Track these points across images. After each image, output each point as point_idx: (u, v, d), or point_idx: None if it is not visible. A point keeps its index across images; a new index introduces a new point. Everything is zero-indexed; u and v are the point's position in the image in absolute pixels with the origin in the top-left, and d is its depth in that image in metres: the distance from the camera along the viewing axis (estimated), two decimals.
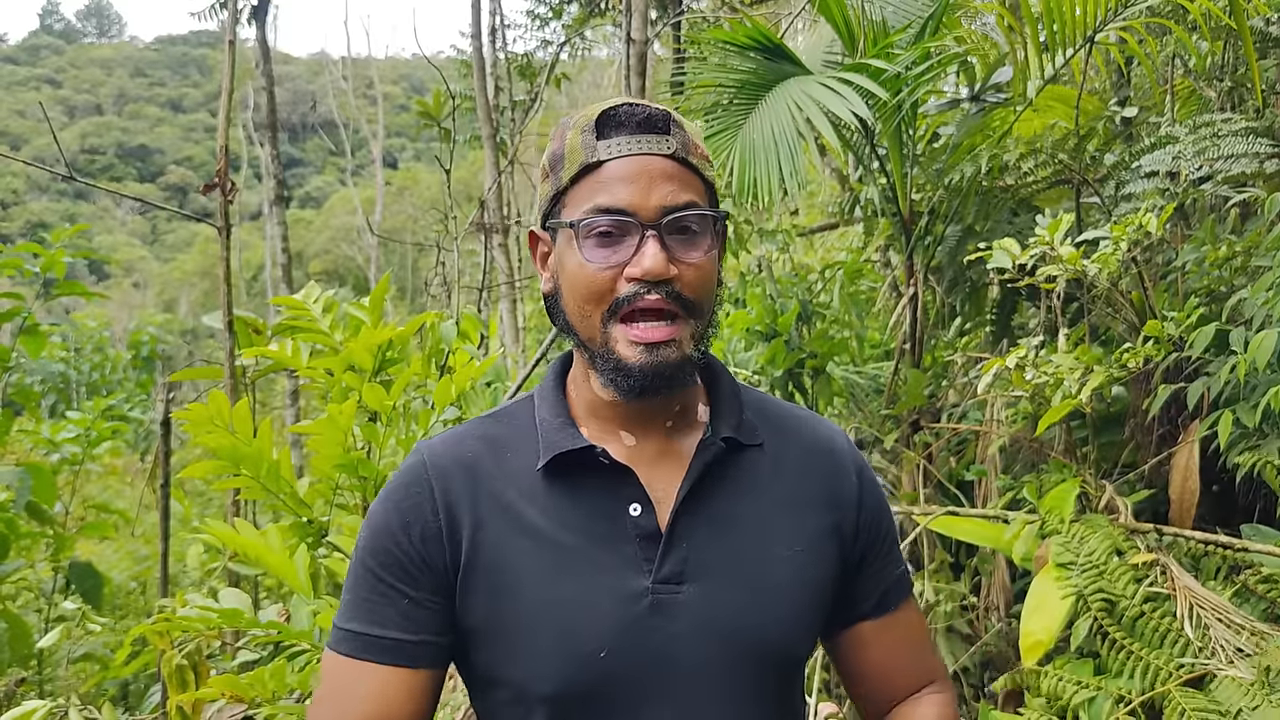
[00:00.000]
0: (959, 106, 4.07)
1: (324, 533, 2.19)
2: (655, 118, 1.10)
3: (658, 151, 1.09)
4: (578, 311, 1.11)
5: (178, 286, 38.00)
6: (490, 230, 6.66)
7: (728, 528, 1.14)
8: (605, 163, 1.09)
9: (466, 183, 21.60)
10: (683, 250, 1.08)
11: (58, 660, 4.72)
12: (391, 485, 1.17)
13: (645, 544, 1.11)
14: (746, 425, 1.20)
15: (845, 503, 1.22)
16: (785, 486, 1.19)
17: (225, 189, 3.17)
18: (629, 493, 1.12)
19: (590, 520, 1.11)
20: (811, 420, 1.28)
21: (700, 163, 1.13)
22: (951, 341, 4.50)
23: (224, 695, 1.95)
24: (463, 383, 2.25)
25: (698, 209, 1.09)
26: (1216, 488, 3.02)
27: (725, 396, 1.22)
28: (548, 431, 1.15)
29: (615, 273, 1.08)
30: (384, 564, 1.11)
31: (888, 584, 1.26)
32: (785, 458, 1.21)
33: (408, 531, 1.11)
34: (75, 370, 11.85)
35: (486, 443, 1.17)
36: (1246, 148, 3.00)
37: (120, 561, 7.57)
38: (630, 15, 4.51)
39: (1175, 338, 2.78)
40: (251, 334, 3.01)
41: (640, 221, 1.07)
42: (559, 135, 1.16)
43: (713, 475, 1.15)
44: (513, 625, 1.09)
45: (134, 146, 61.30)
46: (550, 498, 1.12)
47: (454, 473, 1.14)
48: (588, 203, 1.08)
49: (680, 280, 1.08)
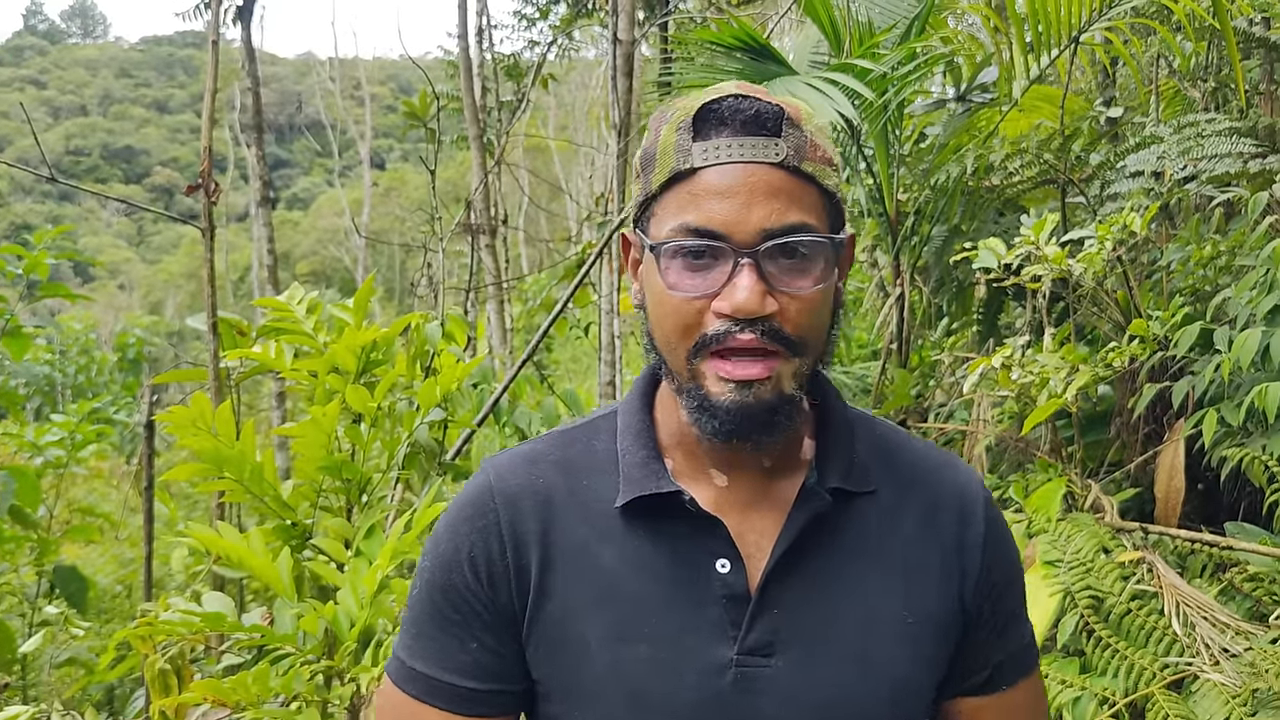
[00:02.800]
0: (945, 106, 4.08)
1: (308, 535, 2.18)
2: (764, 115, 0.92)
3: (763, 159, 0.91)
4: (663, 341, 0.96)
5: (164, 288, 37.82)
6: (477, 231, 6.65)
7: (829, 591, 0.98)
8: (699, 170, 0.92)
9: (454, 183, 21.57)
10: (787, 279, 0.91)
11: (41, 665, 4.69)
12: (456, 510, 1.05)
13: (732, 606, 0.96)
14: (858, 469, 1.02)
15: (969, 564, 1.03)
16: (900, 543, 1.01)
17: (209, 191, 3.16)
18: (716, 546, 0.97)
19: (672, 572, 0.98)
20: (940, 462, 1.09)
21: (819, 170, 0.94)
22: (938, 341, 4.51)
23: (207, 700, 1.93)
24: (448, 384, 2.24)
25: (808, 232, 0.91)
26: (1202, 486, 3.03)
27: (836, 431, 1.04)
28: (629, 465, 1.01)
29: (704, 304, 0.92)
30: (452, 602, 1.01)
31: (1002, 658, 1.07)
32: (903, 508, 1.03)
33: (474, 567, 1.00)
34: (61, 373, 11.78)
35: (561, 468, 1.04)
36: (1230, 148, 3.01)
37: (105, 565, 7.52)
38: (617, 16, 4.51)
39: (1160, 337, 2.79)
40: (236, 336, 2.99)
41: (734, 246, 0.89)
42: (655, 127, 0.98)
43: (815, 529, 0.98)
44: (580, 686, 0.98)
45: (119, 147, 61.00)
46: (629, 540, 0.99)
47: (524, 503, 1.01)
48: (676, 218, 0.92)
49: (782, 316, 0.91)
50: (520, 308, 10.00)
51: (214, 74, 3.37)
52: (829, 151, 0.96)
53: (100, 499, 9.56)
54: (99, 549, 7.86)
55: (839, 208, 0.97)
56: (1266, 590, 2.37)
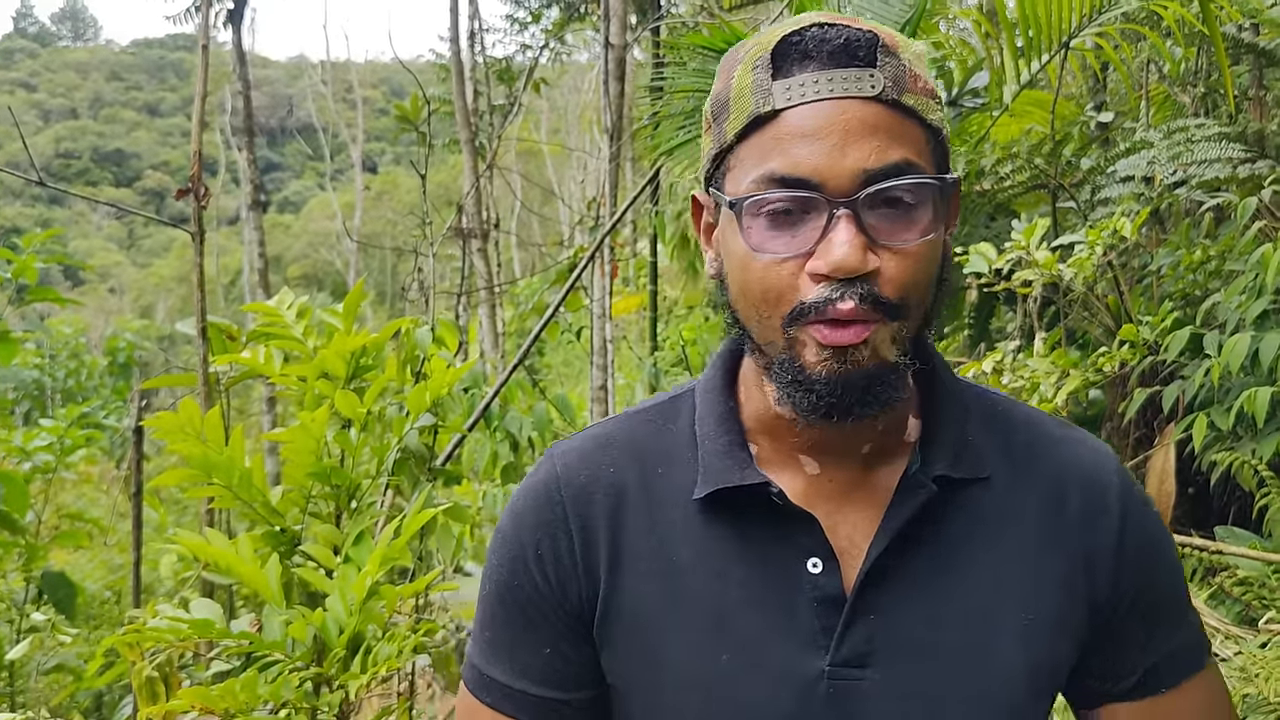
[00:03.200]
0: None
1: (297, 541, 2.17)
2: (855, 43, 0.79)
3: (858, 93, 0.78)
4: (751, 312, 0.84)
5: (155, 292, 37.71)
6: (469, 235, 6.64)
7: (933, 595, 0.87)
8: (782, 112, 0.79)
9: (447, 187, 21.56)
10: (890, 231, 0.79)
11: (29, 672, 4.66)
12: (520, 500, 0.96)
13: (825, 611, 0.86)
14: (971, 452, 0.89)
15: (1099, 558, 0.89)
16: (1018, 535, 0.89)
17: (199, 195, 3.14)
18: (807, 543, 0.87)
19: (757, 572, 0.88)
20: (1070, 440, 0.94)
21: (921, 103, 0.81)
22: None
23: (195, 707, 1.92)
24: (438, 389, 2.23)
25: (914, 172, 0.79)
26: (1192, 490, 3.04)
27: (944, 408, 0.91)
28: (709, 453, 0.90)
29: (796, 265, 0.80)
30: (519, 602, 0.93)
31: (1155, 660, 0.92)
32: (1022, 495, 0.90)
33: (542, 567, 0.92)
34: (50, 377, 11.73)
35: (634, 454, 0.94)
36: (1220, 153, 3.02)
37: (94, 571, 7.49)
38: (609, 21, 4.51)
39: (1150, 341, 2.80)
40: (226, 341, 2.98)
41: (828, 196, 0.78)
42: (727, 69, 0.85)
43: (918, 524, 0.87)
44: (658, 696, 0.89)
45: (110, 150, 60.82)
46: (708, 536, 0.89)
47: (592, 493, 0.92)
48: (758, 169, 0.80)
49: (881, 275, 0.79)
50: (512, 312, 9.99)
51: (204, 77, 3.36)
52: (930, 82, 0.83)
53: (89, 504, 9.51)
54: (87, 554, 7.82)
55: (944, 146, 0.85)
56: (1256, 594, 2.37)
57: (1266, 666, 2.06)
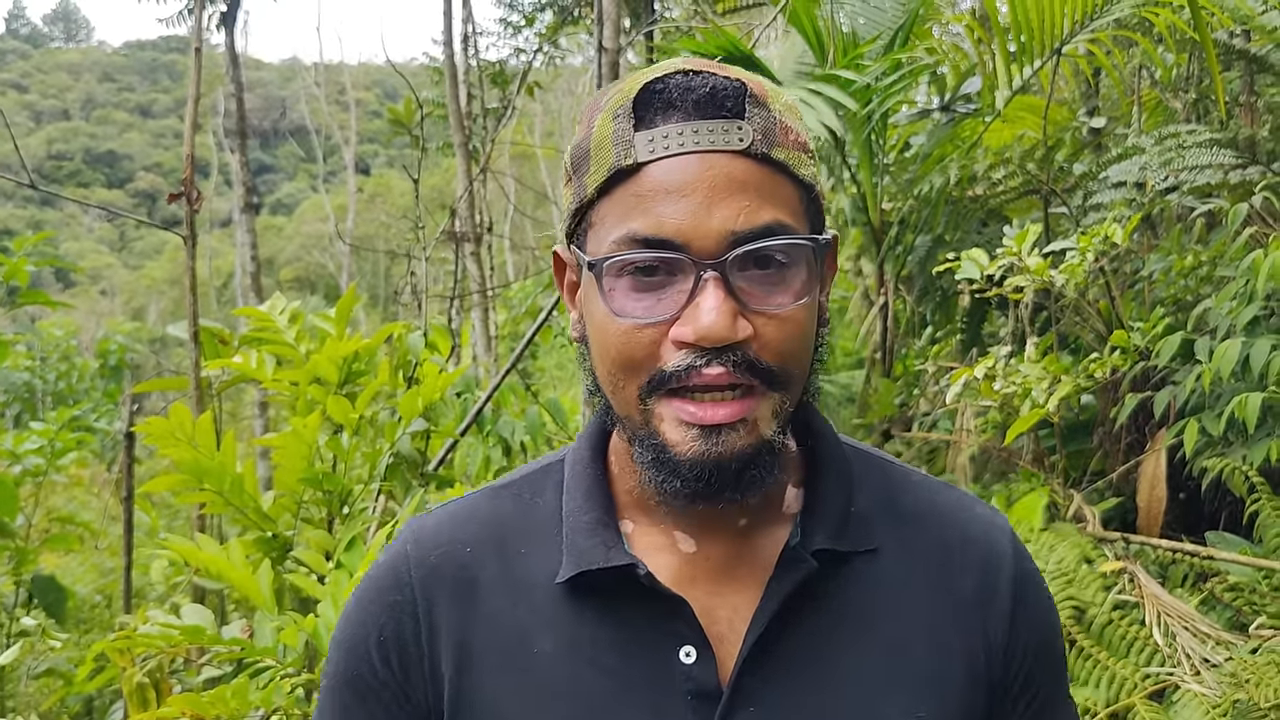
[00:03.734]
0: (929, 117, 4.10)
1: (289, 547, 2.16)
2: (722, 93, 0.74)
3: (725, 147, 0.73)
4: (608, 379, 0.78)
5: (146, 294, 37.59)
6: (462, 238, 6.63)
7: (818, 682, 0.80)
8: (645, 165, 0.74)
9: (440, 190, 21.54)
10: (762, 295, 0.73)
11: (19, 676, 4.64)
12: (367, 584, 0.88)
13: (701, 705, 0.79)
14: (856, 522, 0.84)
15: (993, 632, 0.84)
16: (908, 615, 0.83)
17: (191, 198, 3.13)
18: (681, 630, 0.80)
19: (628, 662, 0.80)
20: (958, 507, 0.89)
21: (793, 157, 0.76)
22: (922, 351, 4.52)
23: (186, 713, 1.91)
24: (430, 394, 2.23)
25: (785, 233, 0.73)
26: (1183, 495, 3.04)
27: (828, 476, 0.85)
28: (574, 530, 0.83)
29: (659, 331, 0.74)
30: (359, 695, 0.85)
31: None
32: (911, 568, 0.84)
33: (385, 654, 0.84)
34: (41, 380, 11.68)
35: (494, 533, 0.86)
36: (1211, 159, 3.03)
37: (85, 574, 7.46)
38: (602, 24, 4.51)
39: (1142, 347, 2.81)
40: (218, 344, 2.97)
41: (694, 258, 0.72)
42: (588, 117, 0.80)
43: (800, 601, 0.80)
44: None
45: (102, 152, 60.65)
46: (575, 623, 0.81)
47: (444, 578, 0.84)
48: (619, 228, 0.74)
49: (757, 340, 0.73)
50: (505, 315, 9.99)
51: (197, 80, 3.35)
52: (802, 134, 0.78)
53: (80, 508, 9.48)
54: (78, 558, 7.79)
55: (818, 203, 0.79)
56: (1246, 600, 2.38)
57: (1257, 672, 2.07)
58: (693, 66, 0.77)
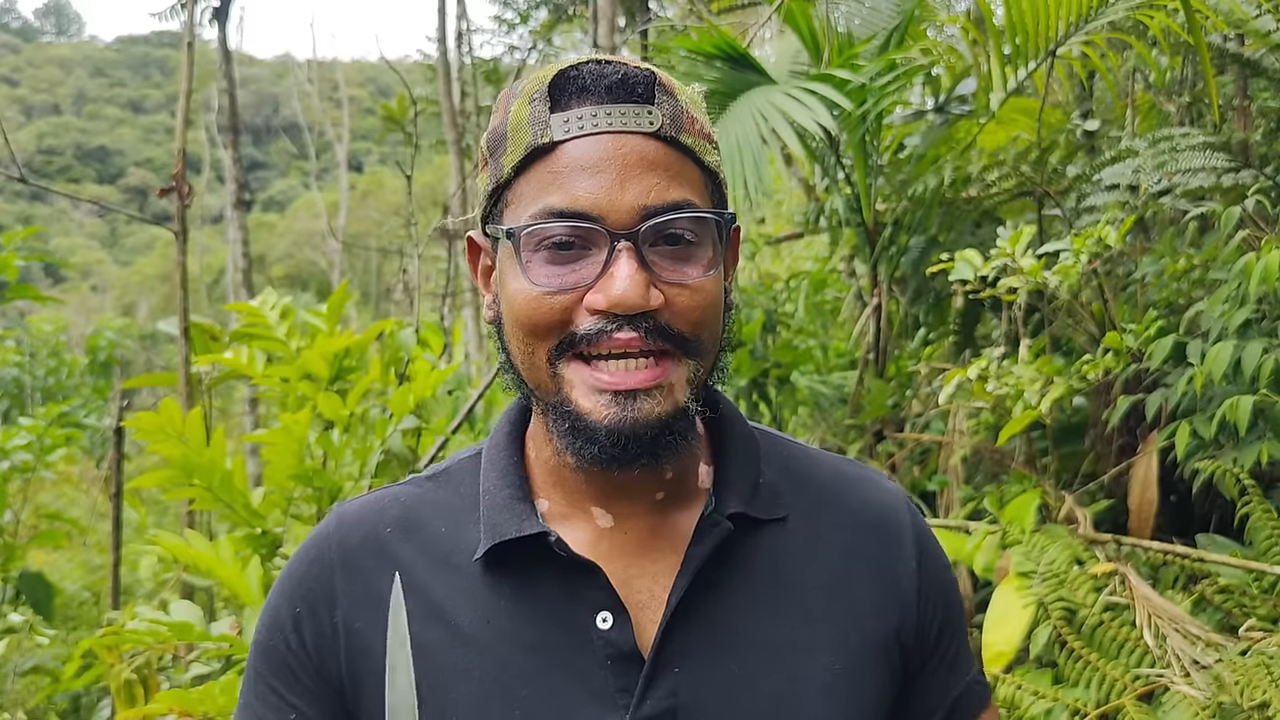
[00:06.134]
0: (924, 117, 4.10)
1: (278, 544, 2.15)
2: (633, 80, 0.79)
3: (636, 128, 0.78)
4: (520, 349, 0.81)
5: (137, 290, 37.46)
6: (454, 236, 6.62)
7: (738, 642, 0.84)
8: (561, 144, 0.78)
9: (433, 187, 21.50)
10: (672, 267, 0.78)
11: (5, 674, 4.61)
12: (293, 563, 0.91)
13: (621, 669, 0.81)
14: (765, 492, 0.89)
15: (903, 595, 0.90)
16: (820, 578, 0.87)
17: (182, 193, 3.12)
18: (596, 597, 0.82)
19: (546, 633, 0.82)
20: (861, 480, 0.95)
21: (698, 143, 0.81)
22: (915, 352, 4.52)
23: (173, 710, 1.90)
24: (421, 391, 2.22)
25: (692, 209, 0.78)
26: (1175, 498, 3.05)
27: (736, 452, 0.90)
28: (492, 508, 0.86)
29: (571, 299, 0.78)
30: (272, 667, 0.87)
31: (958, 691, 0.95)
32: (821, 536, 0.89)
33: (299, 629, 0.86)
34: (30, 375, 11.63)
35: (416, 517, 0.89)
36: (1204, 162, 3.04)
37: (73, 571, 7.42)
38: (597, 22, 4.51)
39: (1135, 349, 2.81)
40: (208, 340, 2.96)
41: (608, 229, 0.76)
42: (503, 105, 0.84)
43: (717, 568, 0.84)
44: None
45: (93, 147, 60.42)
46: (494, 598, 0.83)
47: (364, 557, 0.87)
48: (536, 203, 0.78)
49: (669, 309, 0.78)
50: None
51: (189, 75, 3.33)
52: (707, 125, 0.83)
53: (68, 504, 9.44)
54: (66, 555, 7.76)
55: (722, 190, 0.85)
56: (1237, 602, 2.39)
57: (1247, 674, 2.07)
58: (605, 58, 0.82)
